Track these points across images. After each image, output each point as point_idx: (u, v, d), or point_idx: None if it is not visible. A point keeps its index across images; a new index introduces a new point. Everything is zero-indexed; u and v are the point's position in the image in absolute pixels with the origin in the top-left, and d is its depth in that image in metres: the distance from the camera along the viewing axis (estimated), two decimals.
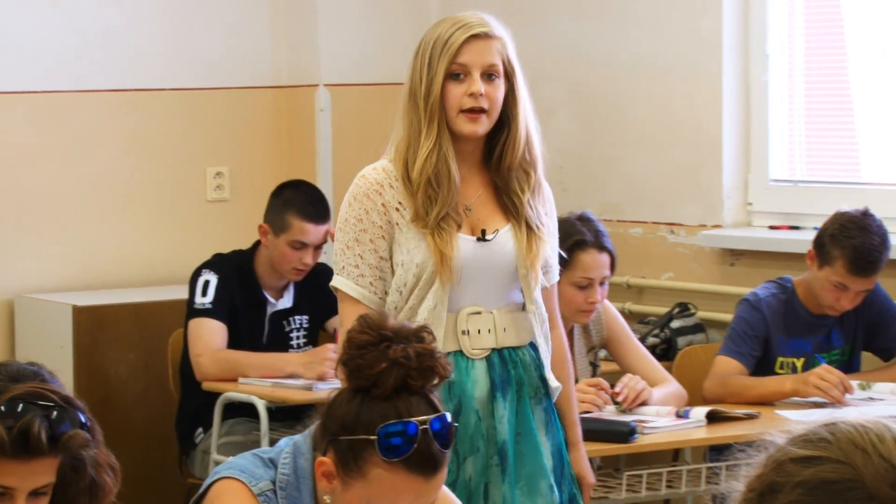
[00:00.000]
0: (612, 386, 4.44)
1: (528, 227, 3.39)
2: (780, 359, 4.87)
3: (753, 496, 1.76)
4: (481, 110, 3.27)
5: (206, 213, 5.76)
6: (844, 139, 5.71)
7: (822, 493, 1.70)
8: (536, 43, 5.91)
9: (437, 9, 6.22)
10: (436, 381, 2.55)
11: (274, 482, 2.62)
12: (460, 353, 3.36)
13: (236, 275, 5.05)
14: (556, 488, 3.40)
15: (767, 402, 4.67)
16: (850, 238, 4.67)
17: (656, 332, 5.38)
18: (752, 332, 4.79)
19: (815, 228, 4.82)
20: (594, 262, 4.51)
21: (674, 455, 4.76)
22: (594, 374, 4.65)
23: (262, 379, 4.85)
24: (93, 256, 5.63)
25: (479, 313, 3.36)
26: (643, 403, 4.43)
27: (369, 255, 3.34)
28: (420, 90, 3.29)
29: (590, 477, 3.58)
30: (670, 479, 4.40)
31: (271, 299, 5.09)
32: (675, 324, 5.41)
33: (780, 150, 5.59)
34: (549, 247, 3.49)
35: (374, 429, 2.45)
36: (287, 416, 4.88)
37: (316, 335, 5.20)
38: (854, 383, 4.69)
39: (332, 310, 5.01)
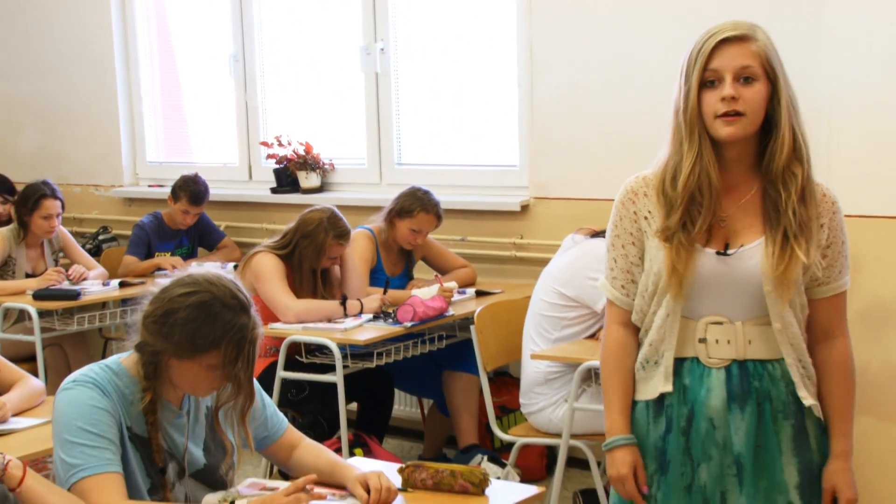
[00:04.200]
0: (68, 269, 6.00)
1: (785, 239, 2.88)
2: (158, 253, 6.39)
3: (156, 317, 2.46)
4: (736, 113, 2.84)
5: None
6: (182, 135, 6.84)
7: (201, 308, 2.52)
8: None
9: None
10: None
11: None
12: (697, 360, 2.98)
13: None
14: None
15: (148, 273, 6.27)
16: (190, 186, 6.29)
17: (91, 241, 6.83)
18: (141, 241, 6.40)
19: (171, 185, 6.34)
20: None
21: (102, 305, 5.96)
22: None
23: None
24: None
25: (720, 323, 2.94)
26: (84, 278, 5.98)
27: (621, 259, 3.02)
28: (679, 103, 2.88)
29: (847, 491, 3.01)
30: (101, 319, 5.68)
31: None
32: (102, 237, 6.98)
33: (153, 143, 6.91)
34: (823, 255, 2.95)
35: None
36: None
37: None
38: (195, 263, 5.93)
39: None
